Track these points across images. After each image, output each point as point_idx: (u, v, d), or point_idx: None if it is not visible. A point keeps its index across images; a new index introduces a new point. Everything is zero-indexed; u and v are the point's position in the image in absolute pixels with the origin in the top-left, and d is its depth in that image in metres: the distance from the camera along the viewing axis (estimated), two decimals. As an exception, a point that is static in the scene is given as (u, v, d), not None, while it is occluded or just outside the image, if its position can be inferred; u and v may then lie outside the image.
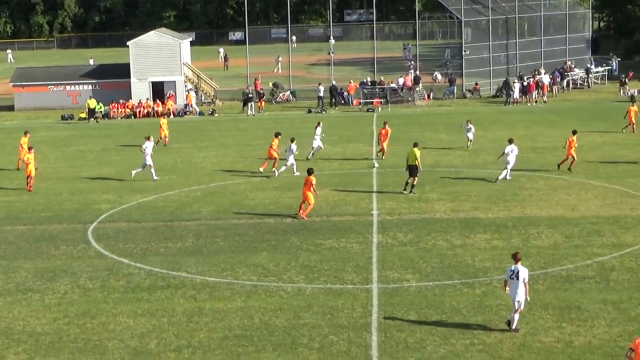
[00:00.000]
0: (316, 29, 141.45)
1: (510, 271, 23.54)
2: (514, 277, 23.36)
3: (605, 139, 55.32)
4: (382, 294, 26.85)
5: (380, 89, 79.76)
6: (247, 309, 25.87)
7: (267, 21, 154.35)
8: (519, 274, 23.28)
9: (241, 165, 49.77)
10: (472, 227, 34.34)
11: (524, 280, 23.27)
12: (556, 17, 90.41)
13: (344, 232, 34.21)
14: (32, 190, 43.56)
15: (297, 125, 66.56)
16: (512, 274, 23.43)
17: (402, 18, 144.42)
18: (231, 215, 37.66)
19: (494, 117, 66.95)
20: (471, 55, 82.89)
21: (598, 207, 37.12)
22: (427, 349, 22.51)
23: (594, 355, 21.74)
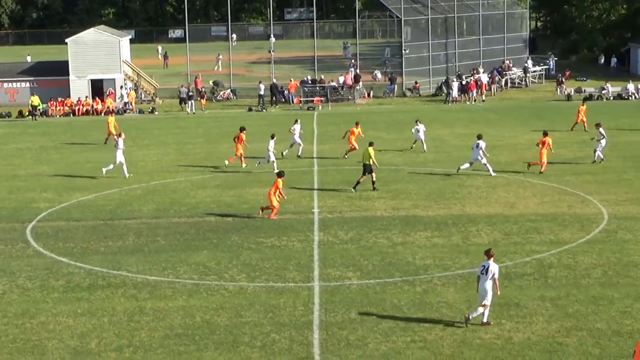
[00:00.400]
0: (256, 27, 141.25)
1: (482, 266, 23.91)
2: (484, 272, 23.68)
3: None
4: (323, 292, 26.92)
5: (320, 87, 79.92)
6: (189, 307, 25.80)
7: (207, 19, 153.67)
8: (489, 270, 23.58)
9: (182, 163, 49.56)
10: (412, 225, 34.56)
11: (493, 276, 23.56)
12: (494, 17, 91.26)
13: (286, 230, 34.24)
14: None
15: (238, 124, 66.43)
16: (483, 269, 23.77)
17: (342, 17, 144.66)
18: (172, 214, 37.52)
19: (434, 116, 67.36)
20: (411, 54, 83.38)
21: (536, 204, 37.56)
22: (369, 346, 22.63)
23: (532, 351, 22.01)
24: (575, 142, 53.18)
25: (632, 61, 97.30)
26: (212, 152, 53.32)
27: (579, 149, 50.96)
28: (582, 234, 32.70)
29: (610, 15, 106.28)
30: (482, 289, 23.70)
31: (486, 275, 23.59)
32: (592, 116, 65.16)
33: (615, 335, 22.84)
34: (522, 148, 51.37)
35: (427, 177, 42.89)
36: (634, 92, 77.26)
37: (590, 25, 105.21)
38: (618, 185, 40.68)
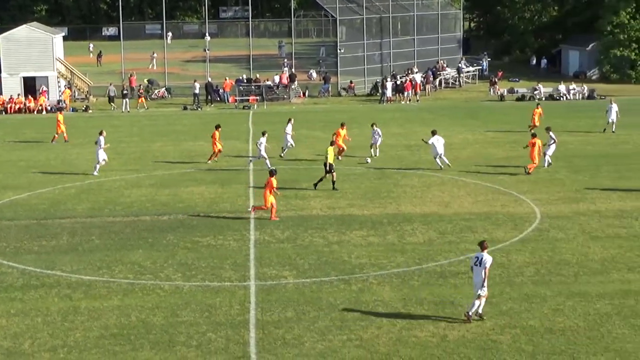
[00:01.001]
0: (191, 25, 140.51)
1: (475, 258, 24.23)
2: (478, 263, 24.00)
3: (477, 137, 56.54)
4: (259, 291, 26.94)
5: (256, 86, 79.83)
6: (124, 307, 25.65)
7: (142, 17, 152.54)
8: (482, 261, 23.90)
9: (116, 162, 49.14)
10: (348, 224, 34.70)
11: (485, 267, 23.87)
12: (429, 17, 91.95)
13: (221, 229, 34.18)
14: None
15: (172, 122, 66.22)
16: (477, 261, 24.09)
17: (278, 16, 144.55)
18: (107, 213, 37.25)
19: (369, 115, 67.54)
20: (346, 54, 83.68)
21: (470, 204, 37.93)
22: (305, 345, 22.69)
23: (467, 348, 22.25)
24: (508, 142, 53.79)
25: (563, 62, 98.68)
26: (146, 150, 53.03)
27: (512, 148, 51.53)
28: (515, 232, 33.11)
29: (542, 17, 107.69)
30: (478, 281, 23.99)
31: (480, 266, 23.88)
32: (526, 116, 65.95)
33: (547, 332, 23.17)
34: (456, 147, 51.80)
35: (362, 177, 43.09)
36: (565, 93, 78.31)
37: (522, 27, 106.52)
38: (550, 185, 41.24)
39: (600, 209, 36.61)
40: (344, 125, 48.92)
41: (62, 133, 57.23)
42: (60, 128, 57.18)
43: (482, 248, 24.23)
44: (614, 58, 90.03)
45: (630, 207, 36.81)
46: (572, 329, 23.38)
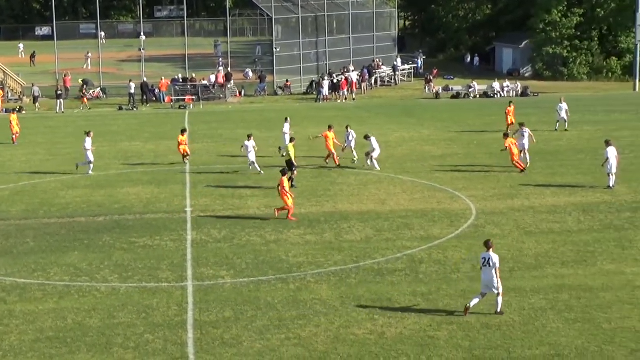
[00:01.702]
0: (126, 25, 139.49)
1: (482, 259, 24.34)
2: (487, 264, 24.16)
3: (412, 134, 56.90)
4: (197, 291, 26.85)
5: (192, 86, 79.54)
6: (60, 310, 25.41)
7: (76, 16, 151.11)
8: (491, 261, 24.06)
9: (51, 163, 48.71)
10: (285, 222, 34.70)
11: (495, 266, 24.04)
12: (364, 16, 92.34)
13: (158, 230, 34.01)
14: None
15: (108, 123, 65.69)
16: (485, 261, 24.23)
17: (213, 15, 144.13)
18: (42, 215, 36.86)
19: (306, 114, 67.82)
20: (282, 53, 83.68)
21: (407, 201, 38.17)
22: (244, 344, 22.67)
23: (405, 345, 22.39)
24: (444, 140, 54.23)
25: (496, 60, 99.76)
26: (82, 151, 52.43)
27: (448, 146, 52.00)
28: (452, 229, 33.39)
29: (476, 15, 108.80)
30: (488, 280, 24.20)
31: (490, 266, 24.09)
32: (459, 114, 66.63)
33: (484, 327, 23.40)
34: (392, 145, 52.12)
35: (299, 175, 43.09)
36: (499, 90, 79.13)
37: (456, 25, 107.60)
38: (485, 181, 41.65)
39: (534, 204, 37.07)
40: (331, 128, 47.21)
41: (16, 134, 56.32)
42: (14, 128, 56.22)
43: (488, 247, 24.37)
44: (546, 55, 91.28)
45: (563, 202, 37.32)
46: (508, 323, 23.65)
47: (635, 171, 43.36)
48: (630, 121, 61.58)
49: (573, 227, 33.42)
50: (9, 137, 56.64)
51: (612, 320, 23.82)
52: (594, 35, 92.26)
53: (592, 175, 42.38)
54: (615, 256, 29.67)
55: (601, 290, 26.18)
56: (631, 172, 42.85)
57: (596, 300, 25.34)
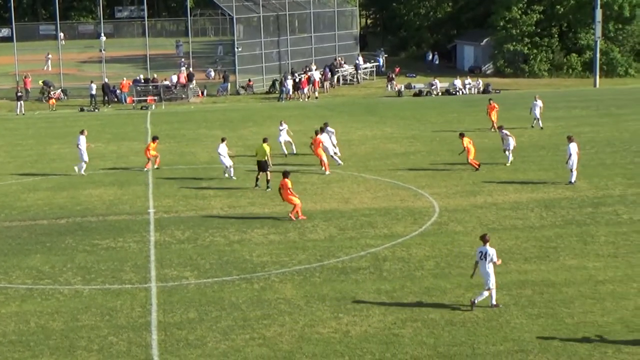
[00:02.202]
0: (87, 25, 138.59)
1: (479, 252, 24.47)
2: (483, 257, 24.31)
3: (375, 132, 56.99)
4: (161, 292, 26.75)
5: (153, 86, 79.22)
6: (23, 313, 25.22)
7: (35, 17, 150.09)
8: (487, 254, 24.21)
9: (12, 165, 48.33)
10: (249, 222, 34.66)
11: (491, 259, 24.21)
12: (325, 15, 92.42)
13: (121, 231, 33.85)
14: None
15: (69, 124, 65.25)
16: (481, 255, 24.38)
17: (174, 15, 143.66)
18: (2, 218, 36.55)
19: (268, 113, 67.75)
20: (243, 52, 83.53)
21: (370, 199, 38.22)
22: (208, 345, 22.62)
23: (369, 343, 22.42)
24: (407, 137, 54.37)
25: (458, 57, 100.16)
26: (43, 153, 52.20)
27: (410, 143, 52.14)
28: (415, 227, 33.47)
29: (437, 13, 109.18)
30: (485, 273, 24.33)
31: (485, 260, 24.22)
32: (421, 111, 66.83)
33: (448, 324, 23.48)
34: (355, 144, 52.20)
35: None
36: (460, 88, 79.47)
37: (418, 23, 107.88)
38: (448, 179, 41.79)
39: (496, 201, 37.25)
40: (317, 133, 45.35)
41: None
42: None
43: (485, 241, 24.53)
44: (507, 52, 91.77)
45: (525, 198, 37.53)
46: (472, 320, 23.75)
47: (596, 167, 43.71)
48: (590, 117, 62.04)
49: (535, 223, 33.63)
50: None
51: (574, 314, 24.00)
52: (554, 32, 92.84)
53: (553, 171, 42.66)
54: (578, 251, 29.89)
55: (564, 285, 26.37)
56: (592, 168, 43.19)
57: (559, 295, 25.52)
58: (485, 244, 24.58)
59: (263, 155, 40.59)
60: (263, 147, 40.79)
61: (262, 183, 40.51)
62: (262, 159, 40.63)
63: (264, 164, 40.59)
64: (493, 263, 24.40)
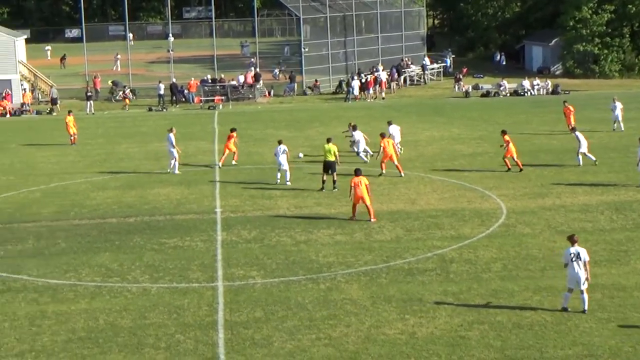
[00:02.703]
0: (155, 26, 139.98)
1: (571, 254, 24.17)
2: (576, 259, 24.07)
3: (442, 133, 56.71)
4: (227, 291, 26.86)
5: (221, 86, 79.67)
6: (92, 310, 25.50)
7: (105, 18, 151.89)
8: (580, 255, 24.05)
9: (82, 164, 48.96)
10: (315, 223, 34.67)
11: (585, 260, 24.03)
12: (392, 15, 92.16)
13: (188, 230, 34.07)
14: None
15: (138, 124, 65.96)
16: (574, 257, 24.10)
17: (241, 15, 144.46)
18: (73, 216, 37.02)
19: (335, 114, 67.78)
20: (310, 53, 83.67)
21: (437, 200, 38.02)
22: (274, 345, 22.65)
23: (436, 345, 22.29)
24: (474, 138, 54.03)
25: (526, 58, 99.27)
26: (112, 152, 52.79)
27: (477, 144, 51.80)
28: (482, 228, 33.22)
29: (505, 13, 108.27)
30: (576, 275, 24.06)
31: (579, 260, 24.00)
32: (489, 112, 66.40)
33: (515, 327, 23.25)
34: (422, 144, 52.02)
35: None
36: (529, 89, 78.76)
37: (485, 23, 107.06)
38: (516, 180, 41.42)
39: (565, 203, 36.82)
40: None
41: (74, 135, 56.53)
42: (72, 129, 56.35)
43: (574, 242, 24.28)
44: (577, 53, 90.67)
45: (595, 201, 37.05)
46: (540, 323, 23.49)
47: (668, 169, 42.98)
48: (662, 118, 61.08)
49: (605, 226, 33.17)
50: (42, 139, 57.02)
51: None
52: (625, 31, 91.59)
53: (624, 173, 42.06)
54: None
55: (635, 289, 25.96)
56: (663, 170, 42.49)
57: (630, 300, 25.13)
58: (574, 244, 24.21)
59: (331, 155, 40.53)
60: (330, 147, 40.68)
61: (328, 184, 40.42)
62: (331, 159, 40.54)
63: (332, 164, 40.40)
64: (586, 263, 24.05)
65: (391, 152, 43.41)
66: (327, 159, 40.49)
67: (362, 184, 34.57)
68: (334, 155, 40.44)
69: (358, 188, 34.53)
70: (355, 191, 34.62)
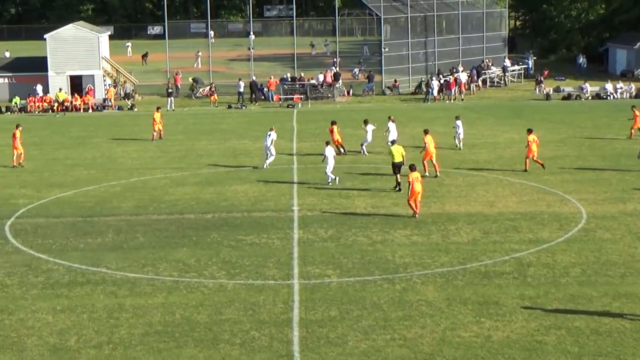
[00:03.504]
0: (236, 24, 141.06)
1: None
2: None
3: (522, 136, 55.88)
4: (303, 289, 26.93)
5: (300, 85, 79.91)
6: (168, 304, 25.76)
7: (187, 15, 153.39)
8: None
9: (161, 160, 49.49)
10: (392, 223, 34.60)
11: None
12: (474, 16, 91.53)
13: (265, 227, 34.23)
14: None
15: (217, 121, 66.48)
16: None
17: (322, 14, 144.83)
18: (151, 211, 37.44)
19: (413, 114, 67.55)
20: (390, 53, 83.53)
21: (515, 203, 37.67)
22: (349, 344, 22.65)
23: (512, 349, 22.08)
24: (553, 141, 53.40)
25: (610, 61, 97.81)
26: (191, 149, 53.27)
27: (557, 147, 51.19)
28: (561, 232, 32.82)
29: (589, 15, 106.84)
30: None
31: None
32: (570, 115, 65.58)
33: (593, 333, 22.94)
34: (501, 147, 51.58)
35: (406, 176, 42.83)
36: (612, 92, 77.61)
37: (568, 25, 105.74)
38: (596, 185, 40.85)
39: (647, 209, 36.25)
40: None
41: (160, 131, 57.33)
42: (157, 125, 57.12)
43: None
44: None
45: (678, 207, 36.40)
46: (619, 330, 23.13)
47: None
48: None
49: (688, 233, 32.59)
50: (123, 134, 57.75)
51: None
52: None
53: None
54: None
55: None
56: None
57: None
58: None
59: (399, 156, 40.68)
60: (397, 148, 41.03)
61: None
62: (399, 160, 40.67)
63: (400, 165, 40.64)
64: None
65: (433, 150, 43.42)
66: (395, 160, 40.75)
67: (418, 180, 35.17)
68: (401, 156, 40.72)
69: (415, 184, 35.03)
70: (412, 187, 35.06)
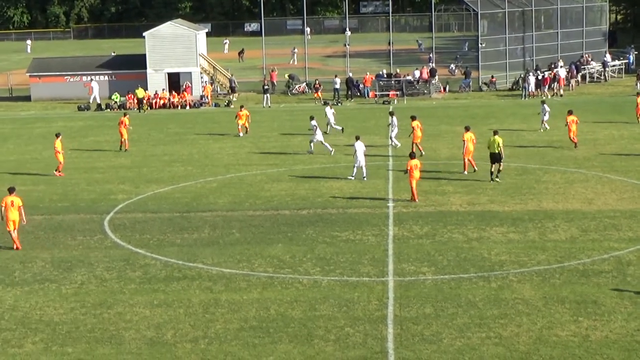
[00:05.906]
0: (332, 20, 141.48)
1: None
2: None
3: (622, 132, 55.09)
4: (397, 286, 26.84)
5: (396, 81, 79.64)
6: (263, 300, 25.91)
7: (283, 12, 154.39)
8: None
9: (257, 156, 49.81)
10: (488, 220, 34.27)
11: None
12: (573, 10, 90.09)
13: (360, 224, 34.20)
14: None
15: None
16: None
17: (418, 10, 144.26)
18: (247, 207, 37.70)
19: (510, 111, 66.82)
20: (487, 48, 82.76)
21: (615, 201, 37.00)
22: (443, 341, 22.50)
23: (610, 349, 21.68)
24: (655, 138, 52.32)
25: None
26: (286, 145, 53.50)
27: (659, 144, 50.14)
28: (662, 231, 32.16)
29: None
30: None
31: None
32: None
33: (696, 335, 22.43)
34: (601, 143, 50.66)
35: (503, 172, 42.40)
36: None
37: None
38: (699, 182, 39.95)
39: None
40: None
41: (246, 127, 58.03)
42: (241, 121, 57.72)
43: None
44: None
45: None
46: None
47: None
48: None
49: None
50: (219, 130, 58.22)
51: None
52: None
53: None
54: None
55: None
56: None
57: None
58: None
59: (496, 147, 40.69)
60: (496, 140, 40.96)
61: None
62: (496, 151, 40.72)
63: (497, 155, 40.76)
64: None
65: (472, 148, 42.97)
66: (493, 150, 40.83)
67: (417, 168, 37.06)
68: (498, 147, 40.76)
69: (415, 170, 36.99)
70: (411, 173, 37.01)
